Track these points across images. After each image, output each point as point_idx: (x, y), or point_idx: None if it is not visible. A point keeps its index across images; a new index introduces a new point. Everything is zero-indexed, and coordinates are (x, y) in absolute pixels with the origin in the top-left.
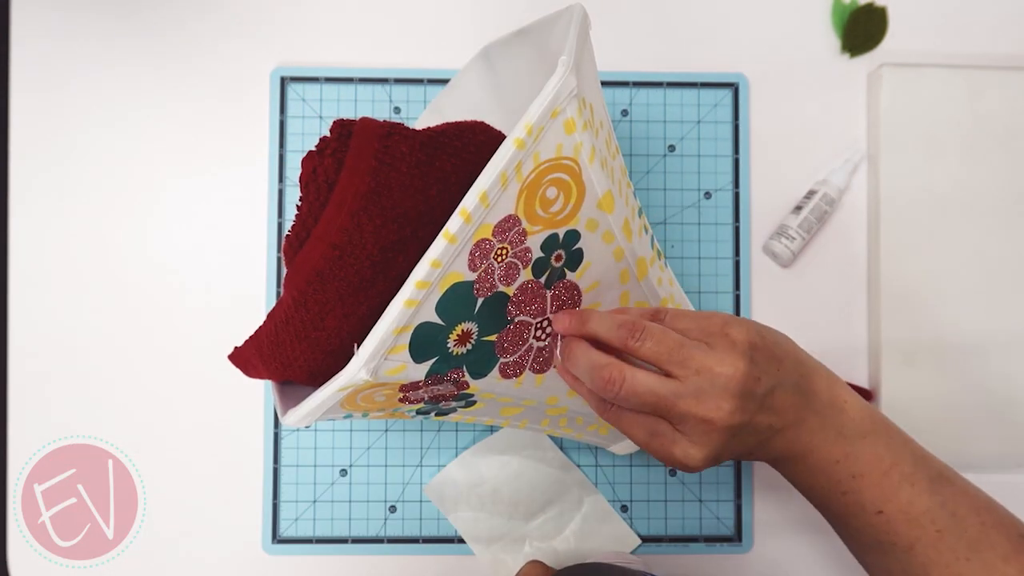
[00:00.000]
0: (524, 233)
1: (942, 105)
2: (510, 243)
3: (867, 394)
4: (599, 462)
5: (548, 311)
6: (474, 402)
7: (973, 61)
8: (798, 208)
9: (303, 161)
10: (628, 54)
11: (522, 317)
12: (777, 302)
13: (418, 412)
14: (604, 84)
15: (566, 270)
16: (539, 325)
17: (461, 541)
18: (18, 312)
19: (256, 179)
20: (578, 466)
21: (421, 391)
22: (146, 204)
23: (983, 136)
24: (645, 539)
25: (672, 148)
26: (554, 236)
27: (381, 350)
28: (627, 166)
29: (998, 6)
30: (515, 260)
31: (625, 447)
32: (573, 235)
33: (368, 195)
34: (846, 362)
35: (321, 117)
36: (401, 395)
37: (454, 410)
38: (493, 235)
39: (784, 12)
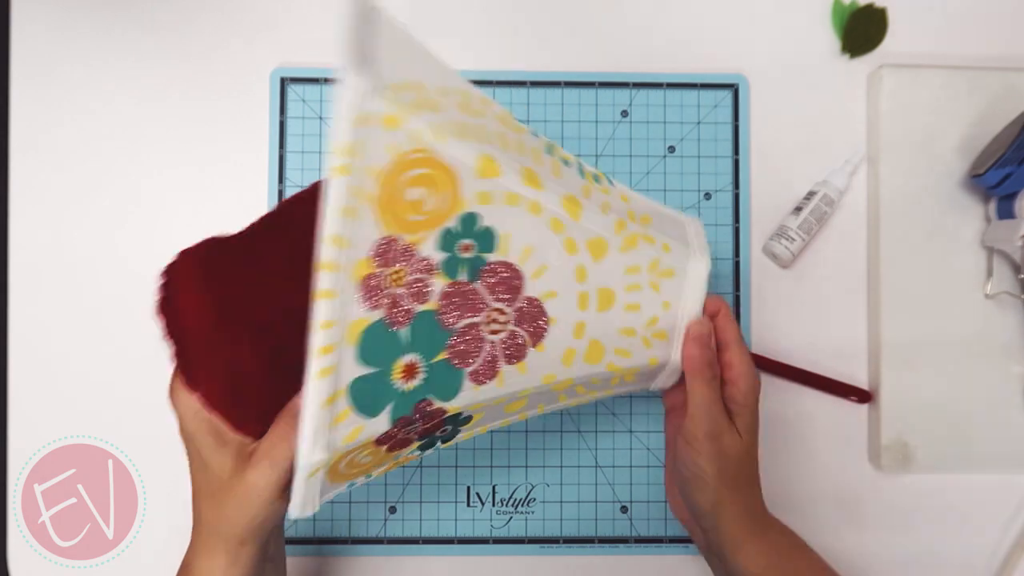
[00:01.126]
0: (410, 246)
1: (942, 105)
2: (400, 263)
3: (866, 395)
4: (599, 463)
5: (489, 302)
6: (469, 417)
7: (973, 62)
8: (798, 209)
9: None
10: (628, 54)
11: (464, 321)
12: (777, 303)
13: (420, 449)
14: (604, 85)
15: (483, 255)
16: (489, 319)
17: (461, 542)
18: (18, 312)
19: (256, 180)
20: (577, 467)
21: (400, 436)
22: (146, 204)
23: (983, 136)
24: (645, 540)
25: (672, 149)
26: (447, 231)
27: (322, 427)
28: (627, 167)
29: (997, 7)
30: (418, 275)
31: (662, 380)
32: (470, 218)
33: (211, 303)
34: (846, 362)
35: (321, 118)
36: (385, 447)
37: (457, 431)
38: (376, 266)
39: (784, 13)
